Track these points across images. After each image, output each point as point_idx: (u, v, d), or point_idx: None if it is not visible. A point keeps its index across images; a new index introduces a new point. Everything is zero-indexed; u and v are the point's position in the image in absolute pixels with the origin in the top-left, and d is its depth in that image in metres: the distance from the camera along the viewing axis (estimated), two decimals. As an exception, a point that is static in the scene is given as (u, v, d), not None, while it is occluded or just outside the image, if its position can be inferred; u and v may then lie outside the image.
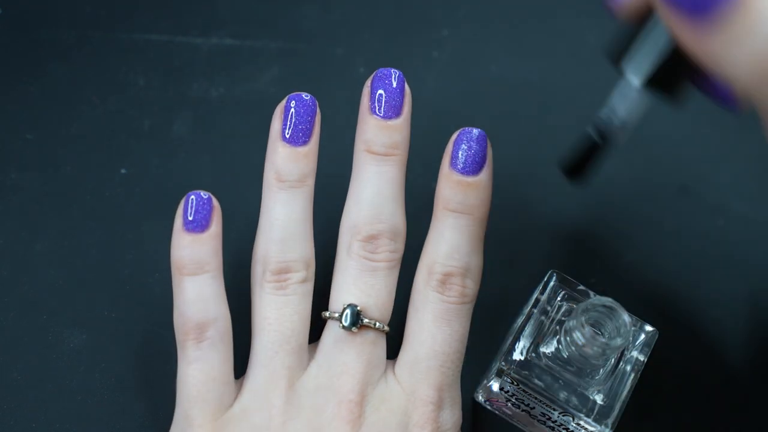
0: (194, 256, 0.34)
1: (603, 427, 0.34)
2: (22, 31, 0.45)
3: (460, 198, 0.36)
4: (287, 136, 0.36)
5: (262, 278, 0.35)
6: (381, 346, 0.36)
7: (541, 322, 0.35)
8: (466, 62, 0.46)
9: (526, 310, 0.36)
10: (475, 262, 0.36)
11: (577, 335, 0.32)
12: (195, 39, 0.45)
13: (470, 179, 0.36)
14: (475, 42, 0.46)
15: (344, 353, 0.35)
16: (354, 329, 0.35)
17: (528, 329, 0.35)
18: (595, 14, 0.45)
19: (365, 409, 0.35)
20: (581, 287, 0.36)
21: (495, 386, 0.36)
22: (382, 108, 0.36)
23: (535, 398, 0.34)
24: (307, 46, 0.46)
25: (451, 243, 0.36)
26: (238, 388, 0.35)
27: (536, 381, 0.34)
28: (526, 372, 0.34)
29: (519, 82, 0.46)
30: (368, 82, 0.37)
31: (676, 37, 0.25)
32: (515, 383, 0.34)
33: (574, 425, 0.34)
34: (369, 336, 0.35)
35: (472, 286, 0.36)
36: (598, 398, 0.34)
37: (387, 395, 0.35)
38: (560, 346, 0.34)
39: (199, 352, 0.34)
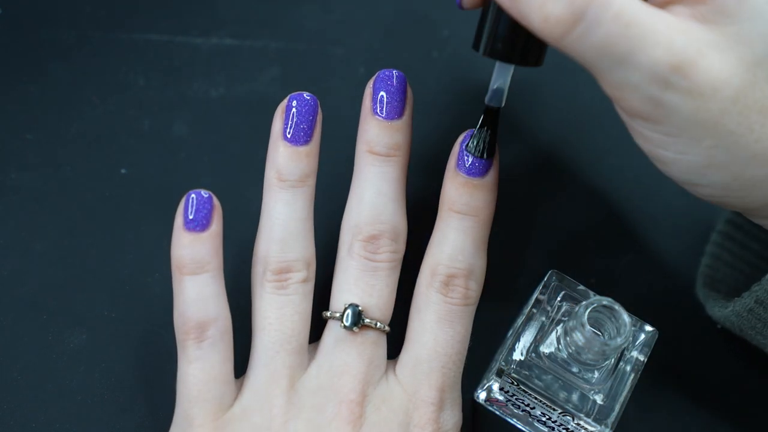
0: (195, 255, 0.34)
1: (603, 427, 0.34)
2: (22, 31, 0.44)
3: (466, 199, 0.36)
4: (288, 136, 0.36)
5: (263, 278, 0.35)
6: (382, 346, 0.36)
7: (541, 322, 0.35)
8: (466, 62, 0.46)
9: (526, 310, 0.36)
10: (479, 264, 0.36)
11: (577, 335, 0.32)
12: (195, 39, 0.45)
13: (476, 181, 0.36)
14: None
15: (345, 353, 0.35)
16: (355, 329, 0.35)
17: (528, 329, 0.35)
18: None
19: (366, 409, 0.35)
20: (581, 287, 0.36)
21: (495, 386, 0.36)
22: (384, 109, 0.36)
23: (535, 398, 0.34)
24: (307, 46, 0.46)
25: (455, 244, 0.36)
26: (239, 388, 0.35)
27: (536, 381, 0.34)
28: (526, 372, 0.34)
29: (518, 82, 0.45)
30: (370, 83, 0.37)
31: (497, 1, 0.29)
32: (515, 383, 0.34)
33: (574, 425, 0.34)
34: (370, 336, 0.35)
35: (475, 288, 0.36)
36: (598, 398, 0.34)
37: (388, 395, 0.35)
38: (560, 346, 0.34)
39: (199, 351, 0.34)
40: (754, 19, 0.28)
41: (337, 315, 0.35)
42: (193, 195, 0.35)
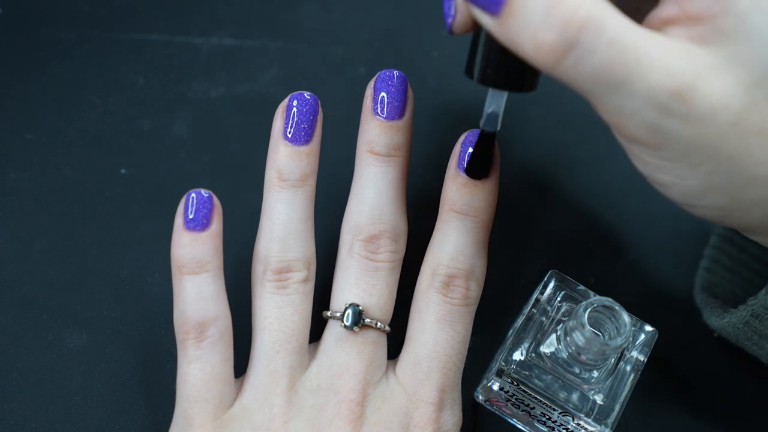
0: (195, 254, 0.34)
1: (603, 427, 0.34)
2: (22, 31, 0.44)
3: (467, 200, 0.36)
4: (289, 135, 0.36)
5: (263, 277, 0.35)
6: (382, 346, 0.36)
7: (541, 322, 0.35)
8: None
9: (526, 310, 0.36)
10: (480, 265, 0.36)
11: (577, 335, 0.32)
12: (195, 39, 0.45)
13: (477, 182, 0.36)
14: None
15: (345, 353, 0.35)
16: (355, 329, 0.35)
17: (528, 329, 0.35)
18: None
19: (366, 409, 0.35)
20: (581, 287, 0.36)
21: (495, 386, 0.36)
22: (385, 109, 0.36)
23: (535, 398, 0.34)
24: (307, 46, 0.45)
25: (456, 245, 0.36)
26: (239, 388, 0.35)
27: (536, 381, 0.34)
28: (526, 372, 0.34)
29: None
30: (371, 84, 0.37)
31: (488, 30, 0.28)
32: (515, 383, 0.34)
33: (574, 425, 0.34)
34: (370, 336, 0.35)
35: (475, 289, 0.36)
36: (598, 398, 0.34)
37: (388, 395, 0.35)
38: (560, 346, 0.34)
39: (199, 351, 0.34)
40: (753, 39, 0.27)
41: (338, 315, 0.35)
42: (193, 194, 0.35)
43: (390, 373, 0.36)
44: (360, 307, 0.35)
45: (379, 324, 0.35)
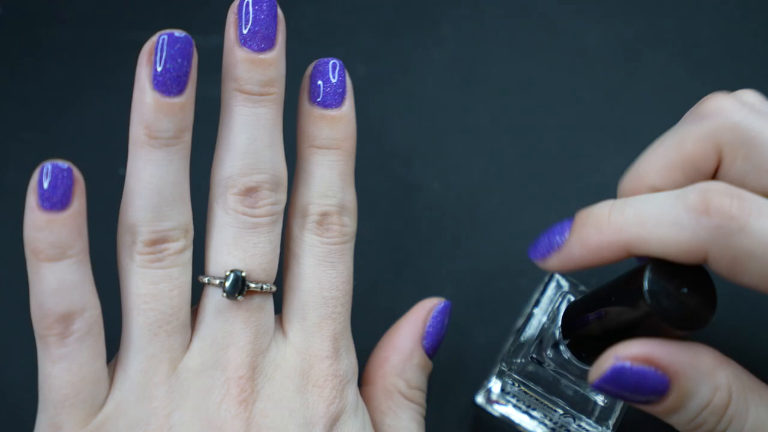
0: (53, 238, 0.30)
1: (604, 428, 0.34)
2: (21, 30, 0.45)
3: (326, 133, 0.34)
4: (159, 84, 0.31)
5: (132, 249, 0.31)
6: (269, 309, 0.33)
7: (542, 323, 0.35)
8: (466, 62, 0.46)
9: (527, 310, 0.36)
10: (350, 198, 0.34)
11: (579, 336, 0.32)
12: (194, 38, 0.45)
13: (334, 112, 0.34)
14: (476, 41, 0.46)
15: (229, 323, 0.32)
16: (239, 297, 0.31)
17: (529, 330, 0.35)
18: (595, 13, 0.45)
19: (257, 383, 0.32)
20: (582, 288, 0.36)
21: (496, 387, 0.36)
22: (255, 41, 0.32)
23: (536, 399, 0.34)
24: (306, 46, 0.45)
25: (323, 181, 0.34)
26: (111, 379, 0.31)
27: (537, 382, 0.34)
28: (527, 373, 0.34)
29: (519, 82, 0.45)
30: (233, 8, 0.33)
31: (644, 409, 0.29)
32: (516, 384, 0.34)
33: (575, 426, 0.34)
34: (255, 301, 0.32)
35: (350, 223, 0.34)
36: (599, 399, 0.34)
37: (279, 360, 0.32)
38: (561, 347, 0.34)
39: (64, 349, 0.30)
40: None
41: (217, 282, 0.32)
42: (48, 166, 0.30)
43: (278, 334, 0.33)
44: (242, 273, 0.31)
45: (264, 286, 0.32)
